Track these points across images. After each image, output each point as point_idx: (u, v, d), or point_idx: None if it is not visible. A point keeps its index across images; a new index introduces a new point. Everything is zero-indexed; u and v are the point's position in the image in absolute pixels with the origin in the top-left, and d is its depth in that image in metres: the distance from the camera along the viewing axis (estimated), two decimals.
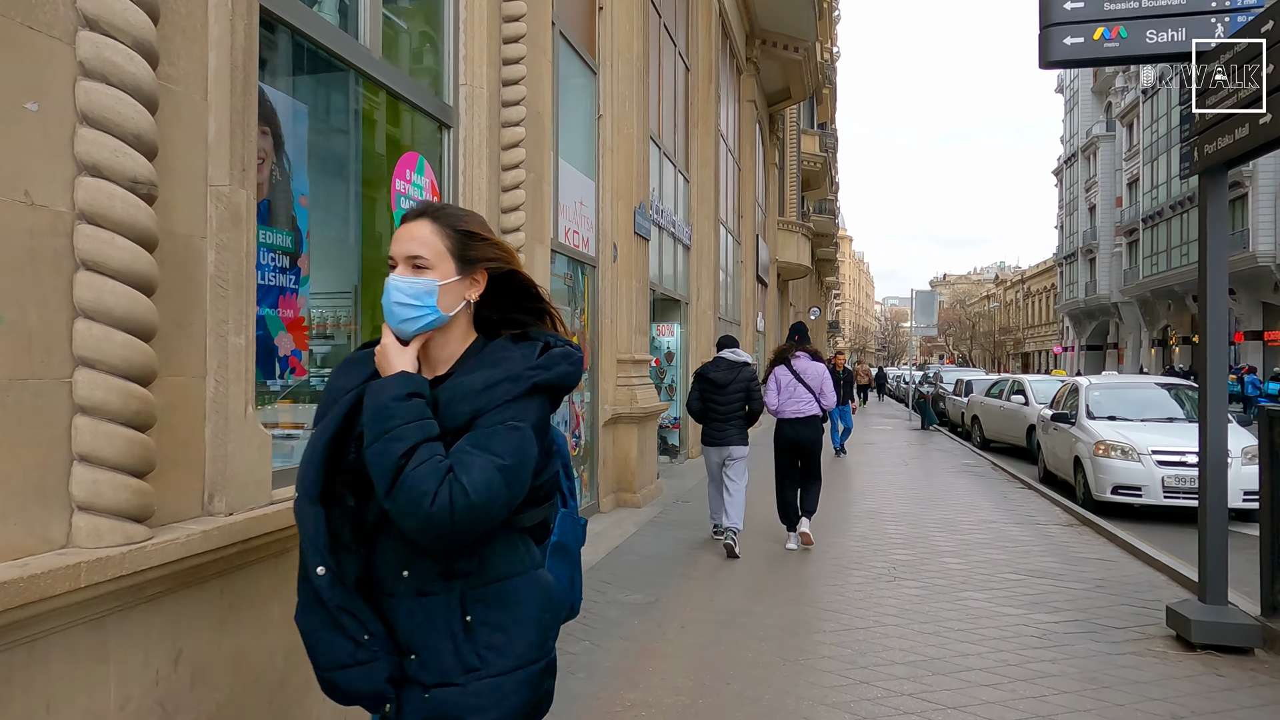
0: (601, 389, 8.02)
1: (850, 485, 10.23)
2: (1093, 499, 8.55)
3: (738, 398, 6.60)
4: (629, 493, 8.35)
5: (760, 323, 22.17)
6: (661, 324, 12.51)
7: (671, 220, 11.33)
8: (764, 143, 23.21)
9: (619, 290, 8.38)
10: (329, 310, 3.94)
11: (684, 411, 12.54)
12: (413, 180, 3.42)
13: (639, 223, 8.62)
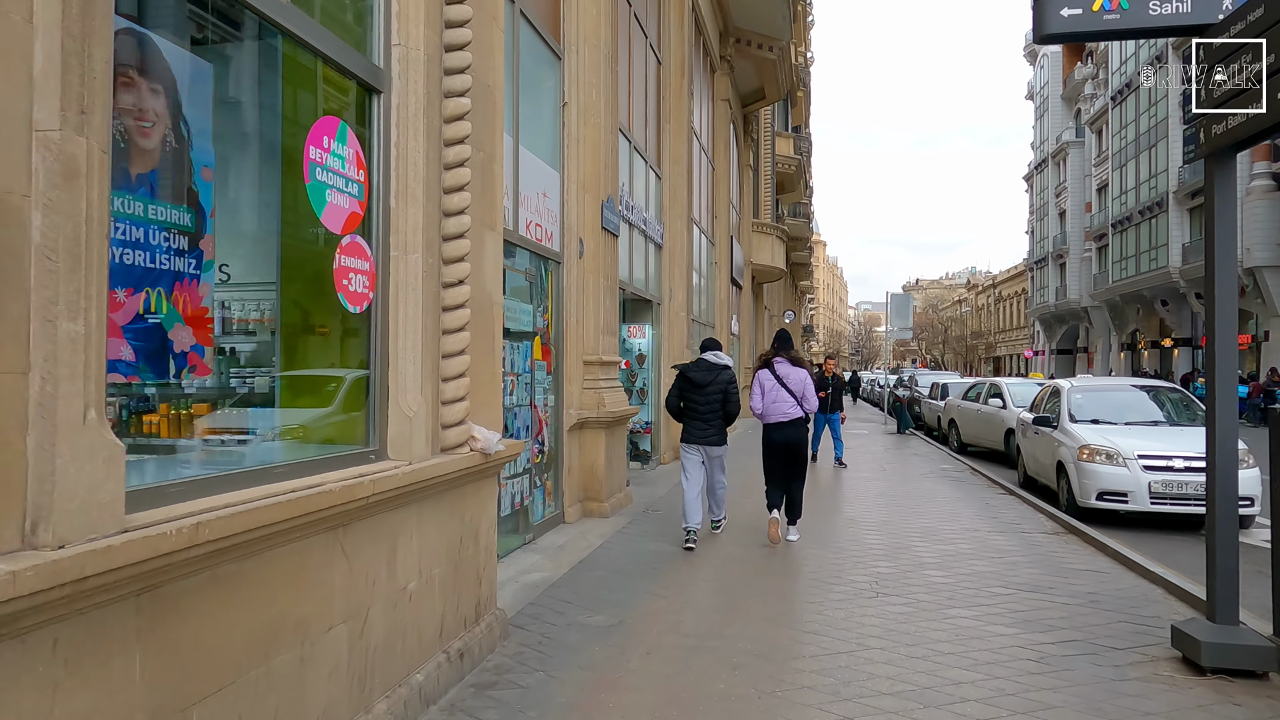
0: (567, 392, 7.58)
1: (828, 492, 9.86)
2: (1077, 505, 8.26)
3: (716, 398, 6.91)
4: (596, 502, 7.91)
5: (735, 325, 21.84)
6: (632, 325, 12.09)
7: (643, 217, 10.92)
8: (738, 143, 22.92)
9: (586, 288, 7.95)
10: (244, 302, 3.47)
11: (656, 416, 12.13)
12: (332, 149, 2.96)
13: (607, 217, 8.20)
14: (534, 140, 6.98)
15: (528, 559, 6.19)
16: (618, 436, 8.42)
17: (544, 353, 7.15)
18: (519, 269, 6.67)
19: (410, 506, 3.38)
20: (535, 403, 6.92)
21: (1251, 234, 31.69)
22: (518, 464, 6.46)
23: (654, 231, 11.73)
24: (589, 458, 7.91)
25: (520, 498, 6.55)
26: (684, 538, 6.78)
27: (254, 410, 3.31)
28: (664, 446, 12.30)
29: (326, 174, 2.93)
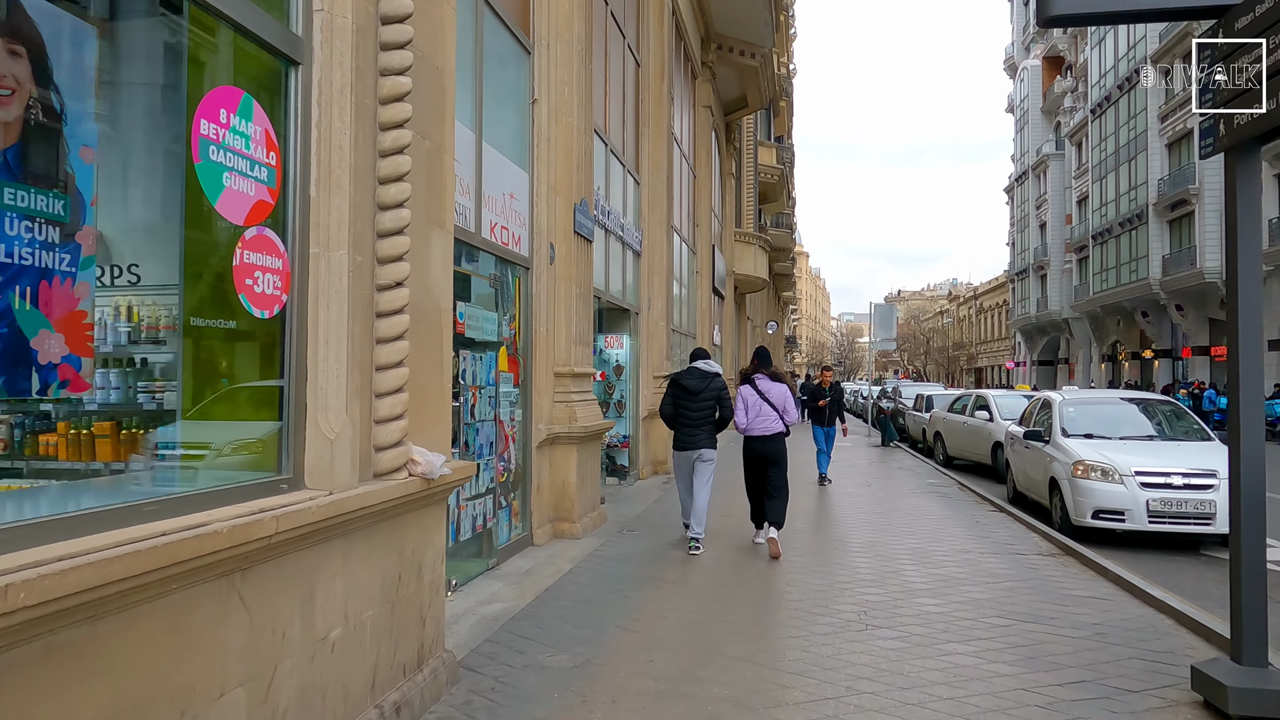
0: (536, 406, 7.13)
1: (812, 510, 9.46)
2: (1071, 524, 7.91)
3: (708, 404, 7.19)
4: (567, 522, 7.45)
5: (717, 336, 21.47)
6: (609, 335, 11.66)
7: (620, 223, 10.52)
8: (720, 151, 22.64)
9: (557, 295, 7.51)
10: (144, 307, 3.00)
11: (634, 430, 11.70)
12: (232, 126, 2.51)
13: (580, 221, 7.78)
14: (500, 138, 6.55)
15: (489, 587, 5.72)
16: (591, 452, 7.97)
17: (511, 364, 6.71)
18: (482, 274, 6.23)
19: (333, 542, 2.92)
20: (501, 417, 6.47)
21: None
22: (480, 484, 6.00)
23: (632, 238, 11.33)
24: (560, 475, 7.45)
25: (483, 520, 6.09)
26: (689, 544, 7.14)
27: (149, 433, 2.85)
28: (642, 461, 11.86)
29: (224, 154, 2.48)
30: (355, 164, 3.01)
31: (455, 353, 5.56)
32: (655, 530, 7.97)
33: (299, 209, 2.84)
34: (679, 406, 7.22)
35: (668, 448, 12.66)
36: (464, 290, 5.96)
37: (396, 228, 3.26)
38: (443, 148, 3.83)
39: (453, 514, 5.56)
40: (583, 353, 7.92)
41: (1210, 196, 33.08)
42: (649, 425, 12.21)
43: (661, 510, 9.15)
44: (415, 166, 3.44)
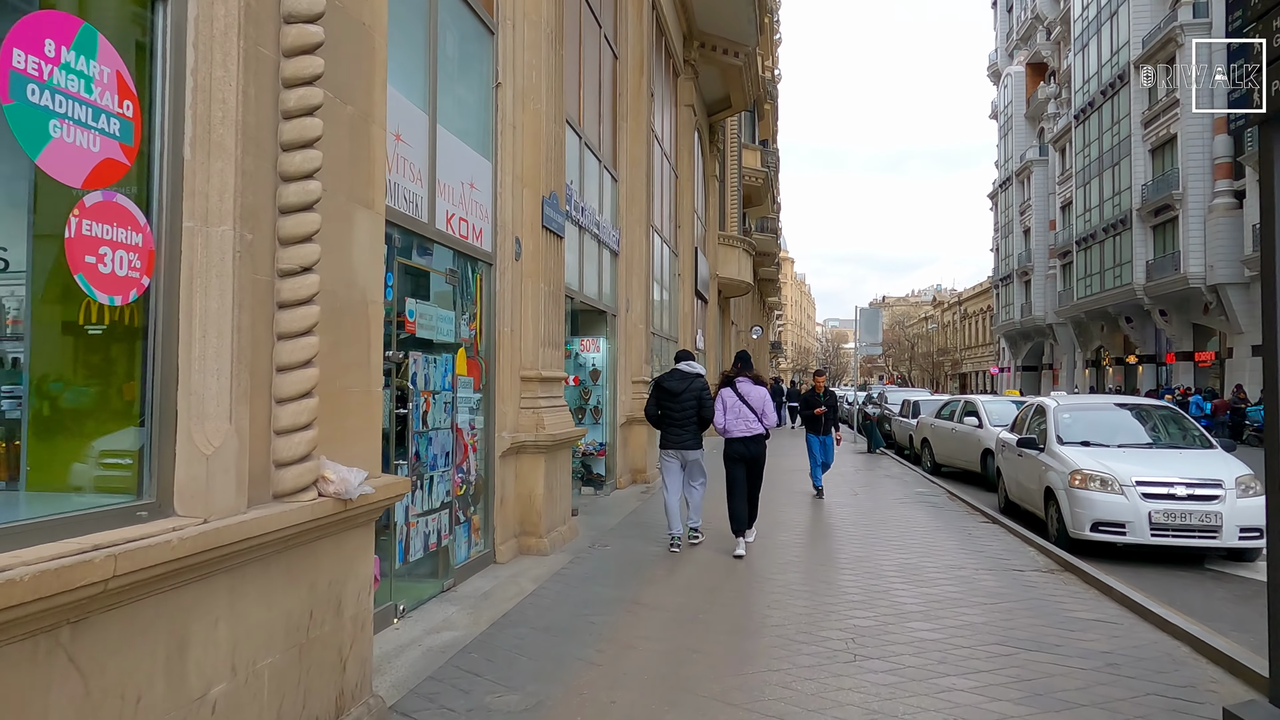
0: (499, 412, 6.61)
1: (795, 522, 8.99)
2: (1068, 536, 7.48)
3: (691, 405, 7.33)
4: (534, 537, 6.93)
5: (700, 340, 21.02)
6: (585, 338, 11.17)
7: (595, 220, 10.04)
8: (703, 152, 22.23)
9: (524, 294, 7.02)
10: None
11: (611, 437, 11.20)
12: (65, 62, 2.00)
13: (549, 215, 7.29)
14: (458, 122, 6.06)
15: (441, 612, 5.20)
16: (560, 462, 7.46)
17: (471, 367, 6.20)
18: (438, 269, 5.72)
19: (215, 579, 2.41)
20: (459, 425, 5.96)
21: (1215, 251, 31.83)
22: (433, 497, 5.49)
23: (609, 237, 10.85)
24: (526, 487, 6.94)
25: (437, 537, 5.57)
26: (668, 542, 7.38)
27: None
28: (620, 470, 11.36)
29: (51, 96, 1.97)
30: (245, 123, 2.50)
31: (404, 354, 5.05)
32: (630, 544, 7.47)
33: (169, 173, 2.34)
34: (663, 407, 7.45)
35: (647, 455, 12.19)
36: (416, 286, 5.46)
37: (304, 202, 2.75)
38: (370, 116, 3.33)
39: (400, 532, 5.05)
40: (552, 355, 7.42)
41: (1194, 202, 33.08)
42: (627, 432, 11.72)
43: (638, 522, 8.65)
44: (332, 134, 2.94)
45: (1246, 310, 31.18)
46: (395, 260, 4.94)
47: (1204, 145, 33.03)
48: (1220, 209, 32.02)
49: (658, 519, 8.79)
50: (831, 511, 9.62)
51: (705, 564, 6.75)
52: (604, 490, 10.75)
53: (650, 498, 10.59)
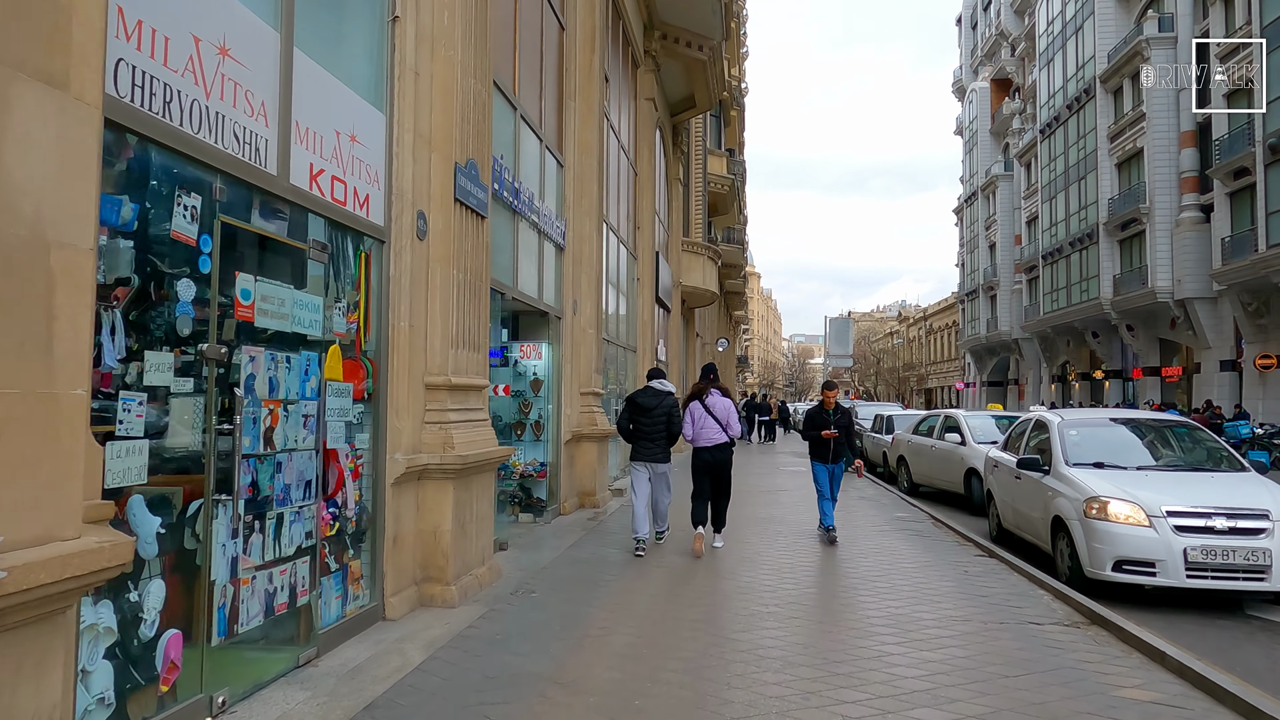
0: (392, 428, 5.24)
1: (763, 554, 7.71)
2: (1084, 575, 6.31)
3: (661, 421, 7.78)
4: (439, 585, 5.56)
5: (662, 351, 19.78)
6: (526, 343, 9.83)
7: (535, 207, 8.73)
8: (666, 153, 21.10)
9: (431, 281, 5.68)
10: None
11: (555, 455, 9.86)
12: None
13: (466, 188, 5.98)
14: (333, 55, 4.72)
15: (283, 701, 3.81)
16: (478, 490, 6.10)
17: (350, 370, 4.83)
18: (295, 240, 4.36)
19: None
20: (331, 445, 4.59)
21: (1182, 265, 31.52)
22: (283, 542, 4.11)
23: (553, 229, 9.55)
24: (429, 521, 5.57)
25: (289, 594, 4.18)
26: (634, 546, 7.63)
27: None
28: (564, 493, 10.00)
29: None
30: None
31: (228, 349, 3.69)
32: (563, 589, 6.13)
33: None
34: (635, 422, 7.86)
35: (596, 477, 10.85)
36: (262, 261, 4.10)
37: None
38: None
39: (224, 594, 3.66)
40: (468, 359, 6.07)
41: (1161, 216, 32.82)
42: (574, 450, 10.38)
43: (579, 558, 7.30)
44: None
45: (1214, 325, 30.89)
46: (217, 219, 3.58)
47: (1170, 159, 32.83)
48: (1187, 223, 31.75)
49: (603, 552, 7.46)
50: (805, 543, 8.36)
51: (653, 617, 5.42)
52: (545, 517, 9.38)
53: (598, 525, 9.26)
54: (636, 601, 5.80)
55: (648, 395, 7.89)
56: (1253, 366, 27.95)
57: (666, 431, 7.79)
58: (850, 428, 8.64)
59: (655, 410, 7.77)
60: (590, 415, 10.66)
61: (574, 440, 10.29)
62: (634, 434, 7.85)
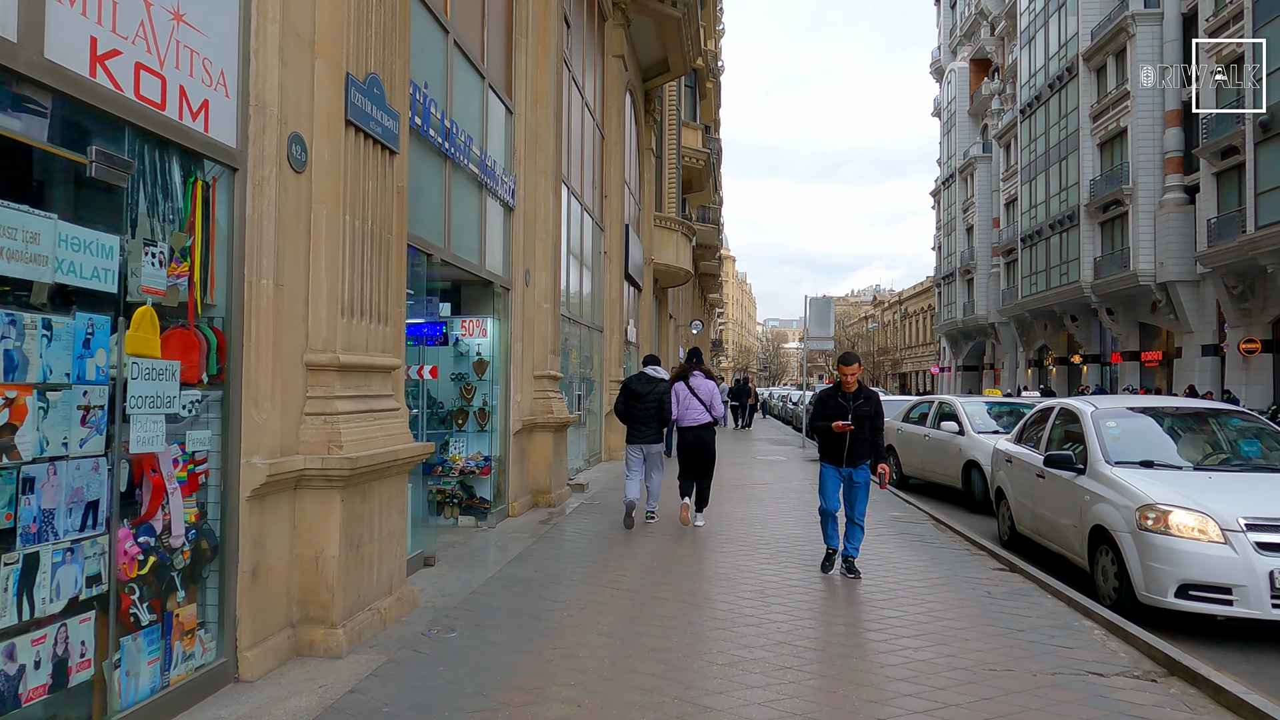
0: (248, 423, 3.87)
1: (744, 569, 6.47)
2: (1135, 600, 5.15)
3: (653, 406, 8.20)
4: (320, 627, 4.22)
5: (631, 331, 18.46)
6: (468, 318, 8.47)
7: (475, 155, 7.34)
8: (637, 119, 19.68)
9: (315, 230, 4.32)
10: None
11: (504, 449, 8.54)
12: None
13: (363, 109, 4.59)
14: None
15: None
16: (382, 500, 4.76)
17: (177, 344, 3.46)
18: (62, 147, 2.97)
19: None
20: (143, 449, 3.22)
21: (1165, 248, 30.80)
22: (47, 595, 2.76)
23: (499, 184, 8.16)
24: (309, 544, 4.23)
25: (60, 668, 2.83)
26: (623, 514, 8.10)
27: None
28: (514, 492, 8.68)
29: None
30: None
31: None
32: (491, 625, 4.81)
33: None
34: (630, 406, 8.26)
35: (552, 472, 9.54)
36: None
37: None
38: None
39: None
40: (369, 333, 4.71)
41: (1144, 197, 32.06)
42: (526, 442, 9.06)
43: (519, 576, 5.99)
44: None
45: (1196, 309, 30.26)
46: None
47: (1154, 139, 32.01)
48: (1171, 204, 31.00)
49: (553, 568, 6.16)
50: (791, 551, 7.14)
51: (601, 670, 4.14)
52: (488, 521, 8.06)
53: (552, 530, 7.96)
54: (583, 644, 4.51)
55: (641, 381, 8.30)
56: (1236, 351, 27.33)
57: (658, 416, 8.19)
58: (877, 419, 6.24)
59: (648, 396, 8.18)
60: (545, 402, 9.33)
61: (526, 430, 8.96)
62: (629, 417, 8.29)
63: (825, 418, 6.30)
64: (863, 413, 6.16)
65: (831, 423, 6.18)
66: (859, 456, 6.20)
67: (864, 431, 6.14)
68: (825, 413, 6.33)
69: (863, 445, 6.19)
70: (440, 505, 8.08)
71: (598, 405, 15.04)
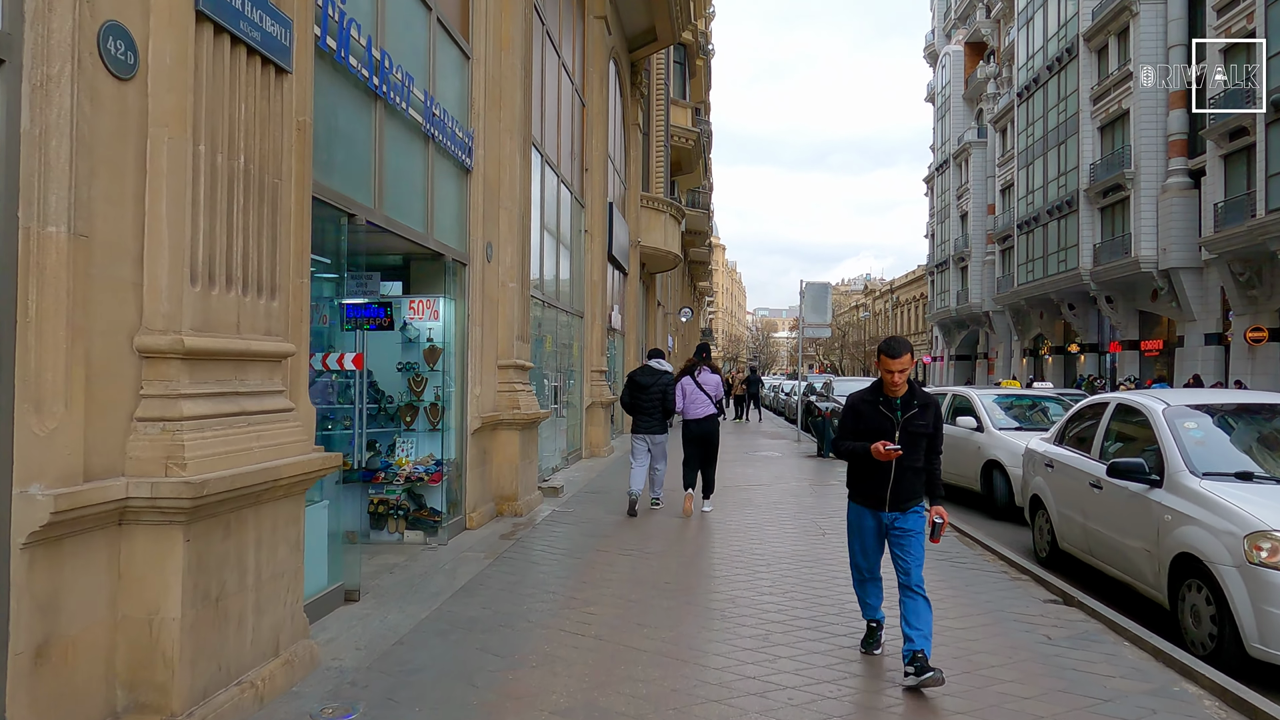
0: (19, 435, 2.64)
1: (738, 604, 5.30)
2: (1242, 652, 4.02)
3: (657, 397, 8.52)
4: (153, 717, 3.02)
5: (616, 319, 17.26)
6: (417, 298, 7.25)
7: (407, 92, 6.07)
8: (623, 91, 18.40)
9: (150, 160, 3.09)
10: None
11: (460, 450, 7.33)
12: None
13: (230, 2, 3.35)
14: None
15: None
16: (258, 534, 3.54)
17: None
18: None
19: None
20: None
21: (1167, 234, 29.82)
22: None
23: (450, 138, 6.91)
24: (138, 603, 3.02)
25: None
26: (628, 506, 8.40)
27: None
28: (473, 500, 7.48)
29: None
30: None
31: None
32: (408, 699, 3.62)
33: None
34: (634, 398, 8.59)
35: (518, 474, 8.32)
36: None
37: None
38: None
39: None
40: (244, 308, 3.49)
41: (1146, 181, 31.04)
42: (487, 442, 7.86)
43: (460, 618, 4.79)
44: None
45: (1200, 296, 29.33)
46: None
47: (1158, 121, 30.95)
48: (1174, 189, 30.00)
49: (505, 605, 4.95)
50: (797, 577, 5.98)
51: None
52: (440, 536, 6.85)
53: (515, 545, 6.78)
54: None
55: (646, 374, 8.61)
56: (1242, 339, 26.42)
57: (662, 407, 8.49)
58: (936, 437, 4.16)
59: (652, 388, 8.50)
60: (511, 395, 8.13)
61: (487, 429, 7.76)
62: (634, 408, 8.61)
63: (859, 434, 4.14)
64: (917, 428, 4.04)
65: (870, 444, 4.01)
66: (910, 494, 4.08)
67: (917, 456, 4.06)
68: (860, 427, 4.15)
69: (915, 477, 4.08)
70: (383, 518, 6.88)
71: (578, 398, 13.85)
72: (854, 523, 4.27)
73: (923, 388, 4.24)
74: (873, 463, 4.02)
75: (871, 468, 4.07)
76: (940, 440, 4.17)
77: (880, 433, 4.02)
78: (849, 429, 4.22)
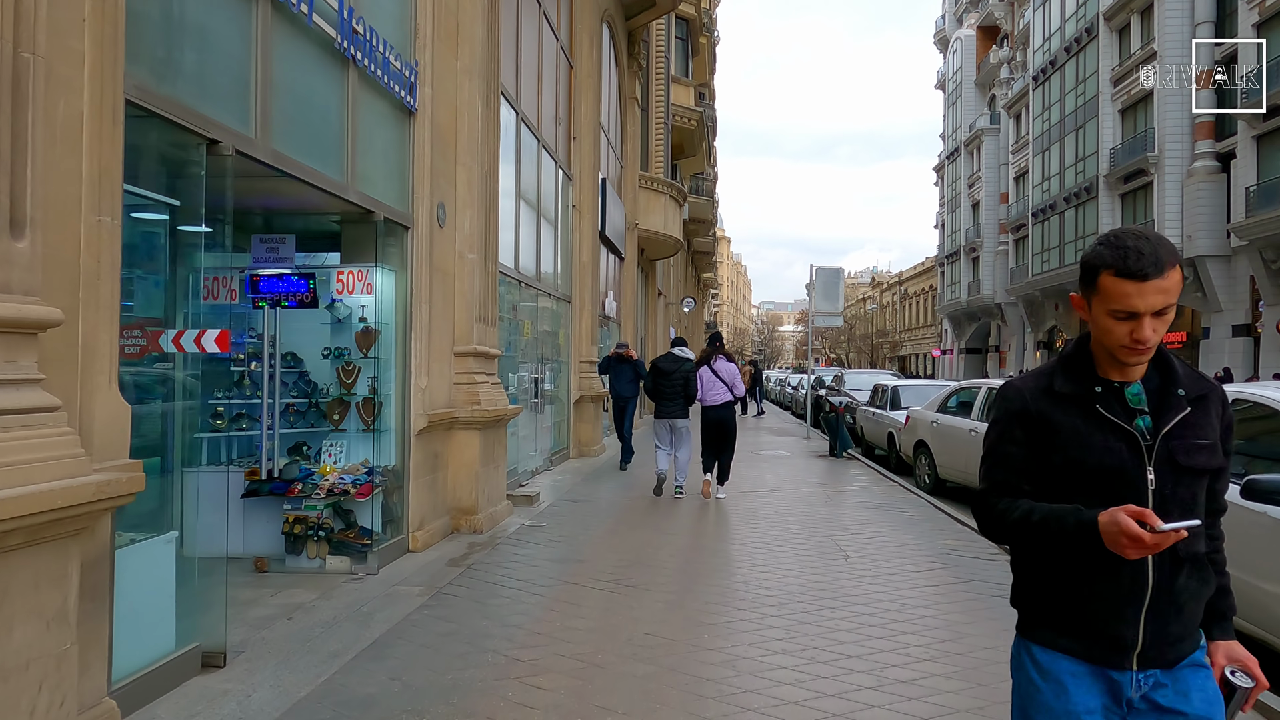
0: None
1: (739, 671, 3.97)
2: None
3: (679, 383, 8.96)
4: None
5: (610, 305, 15.90)
6: (349, 267, 5.90)
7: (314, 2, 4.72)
8: (618, 60, 17.00)
9: None
10: None
11: (401, 454, 5.98)
12: None
13: None
14: None
15: None
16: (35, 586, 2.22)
17: None
18: None
19: None
20: None
21: (1194, 220, 28.35)
22: None
23: (383, 65, 5.54)
24: None
25: None
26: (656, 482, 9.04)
27: None
28: (420, 515, 6.13)
29: None
30: None
31: None
32: None
33: None
34: (657, 384, 9.08)
35: (478, 482, 6.96)
36: None
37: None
38: None
39: None
40: None
41: (1171, 166, 29.53)
42: (440, 445, 6.51)
43: (358, 695, 3.45)
44: None
45: (1227, 286, 27.85)
46: None
47: (1183, 102, 29.38)
48: (1201, 173, 28.51)
49: (435, 663, 3.57)
50: (814, 622, 4.63)
51: None
52: (369, 563, 5.50)
53: (467, 573, 5.44)
54: None
55: (668, 360, 9.08)
56: (1274, 331, 24.97)
57: (684, 393, 8.93)
58: (1223, 472, 1.71)
59: (674, 374, 8.94)
60: (471, 388, 6.80)
61: (439, 428, 6.42)
62: (656, 393, 9.06)
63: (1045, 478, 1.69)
64: (1193, 458, 1.64)
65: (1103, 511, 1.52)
66: (1186, 623, 1.65)
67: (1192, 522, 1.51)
68: (1044, 462, 1.69)
69: (1194, 578, 1.64)
70: (300, 540, 5.55)
71: (565, 391, 12.51)
72: (1037, 699, 1.69)
73: (1190, 366, 1.77)
74: (1100, 555, 1.56)
75: (1098, 564, 1.60)
76: (1227, 483, 1.77)
77: (1107, 476, 1.63)
78: (1012, 464, 1.73)
